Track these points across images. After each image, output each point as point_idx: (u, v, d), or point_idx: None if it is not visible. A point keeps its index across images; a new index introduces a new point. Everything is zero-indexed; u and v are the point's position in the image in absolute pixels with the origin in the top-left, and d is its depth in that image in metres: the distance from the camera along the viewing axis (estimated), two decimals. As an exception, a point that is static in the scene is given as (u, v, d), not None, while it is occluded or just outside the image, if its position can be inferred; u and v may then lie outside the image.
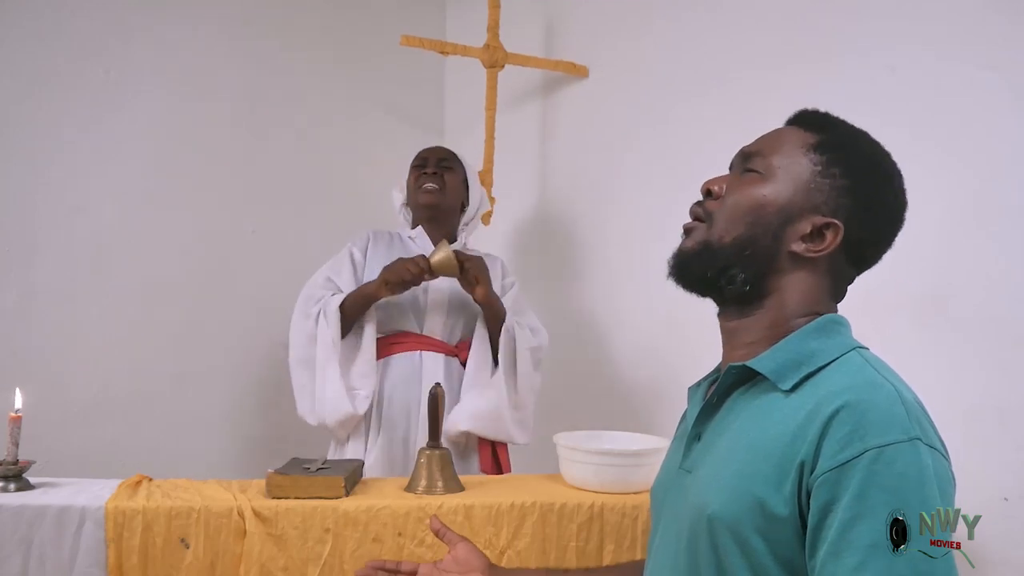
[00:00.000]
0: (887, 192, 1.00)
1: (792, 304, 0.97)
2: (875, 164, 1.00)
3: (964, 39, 1.51)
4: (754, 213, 0.97)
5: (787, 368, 0.92)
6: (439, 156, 2.14)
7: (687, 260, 1.00)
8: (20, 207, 2.20)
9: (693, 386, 1.10)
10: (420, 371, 1.99)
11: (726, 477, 0.90)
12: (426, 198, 2.07)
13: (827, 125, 1.02)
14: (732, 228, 0.97)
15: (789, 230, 0.96)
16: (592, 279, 2.42)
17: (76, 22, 2.27)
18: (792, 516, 0.84)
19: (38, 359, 2.19)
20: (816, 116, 1.04)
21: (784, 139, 1.01)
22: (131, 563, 1.34)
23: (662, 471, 1.10)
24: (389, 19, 2.82)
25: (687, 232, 1.02)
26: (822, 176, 0.97)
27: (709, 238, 0.99)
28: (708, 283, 1.00)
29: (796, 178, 0.97)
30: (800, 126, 1.02)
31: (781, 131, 1.03)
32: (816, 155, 0.98)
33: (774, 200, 0.97)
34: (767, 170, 0.98)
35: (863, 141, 1.02)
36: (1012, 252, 1.44)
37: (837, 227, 0.96)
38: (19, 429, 1.42)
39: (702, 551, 0.90)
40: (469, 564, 1.18)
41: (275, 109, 2.62)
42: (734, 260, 0.97)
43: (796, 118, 1.05)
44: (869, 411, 0.83)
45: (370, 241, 2.11)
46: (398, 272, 1.88)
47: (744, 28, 1.96)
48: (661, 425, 1.87)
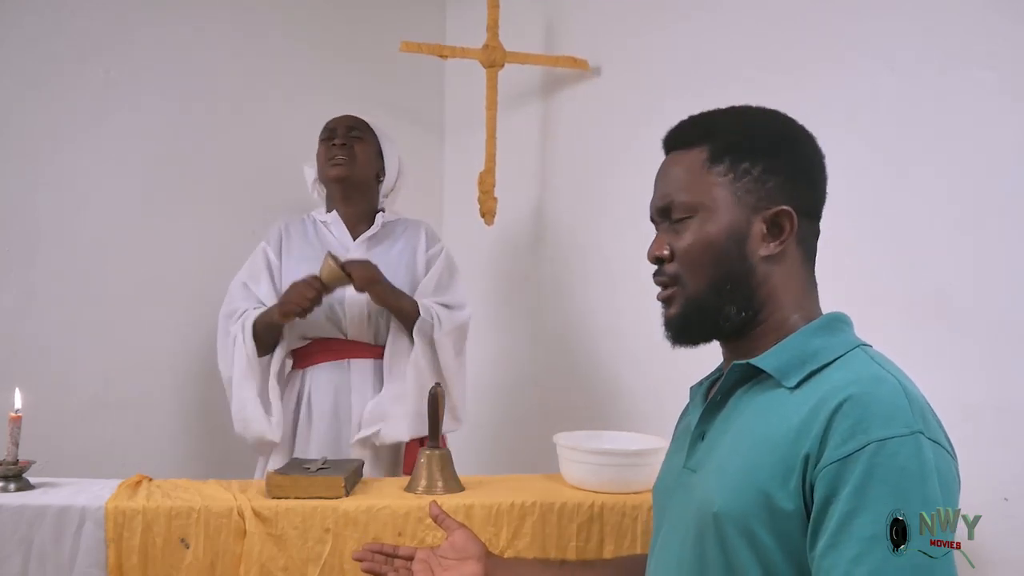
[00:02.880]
0: (796, 144, 1.00)
1: (784, 300, 0.98)
2: (769, 131, 1.00)
3: (964, 39, 1.51)
4: (711, 252, 0.97)
5: (791, 365, 0.92)
6: (347, 125, 2.06)
7: (682, 324, 1.01)
8: (20, 207, 2.20)
9: (695, 385, 1.10)
10: (349, 380, 1.97)
11: (731, 473, 0.90)
12: (335, 171, 2.02)
13: (705, 131, 1.01)
14: (703, 275, 0.97)
15: (749, 244, 0.96)
16: (592, 279, 2.41)
17: (76, 22, 2.26)
18: (798, 510, 0.84)
19: (38, 359, 2.19)
20: (689, 129, 1.03)
21: (683, 171, 1.00)
22: (131, 563, 1.34)
23: (664, 471, 1.10)
24: (389, 19, 2.82)
25: (667, 302, 1.02)
26: (738, 179, 0.97)
27: (688, 296, 0.99)
28: (709, 332, 1.00)
29: (721, 198, 0.97)
30: (682, 148, 1.02)
31: (672, 166, 1.02)
32: (719, 165, 0.98)
33: (720, 231, 0.97)
34: (691, 210, 0.98)
35: (744, 120, 1.02)
36: (1012, 252, 1.44)
37: (786, 211, 0.96)
38: (19, 429, 1.42)
39: (709, 549, 0.90)
40: (466, 551, 1.18)
41: (275, 109, 2.61)
42: (722, 301, 0.97)
43: (672, 141, 1.04)
44: (872, 404, 0.83)
45: (283, 236, 2.05)
46: (296, 302, 1.85)
47: (744, 27, 1.96)
48: (661, 425, 1.87)
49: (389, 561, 1.19)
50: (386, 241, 2.08)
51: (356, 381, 1.97)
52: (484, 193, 2.38)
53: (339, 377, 1.97)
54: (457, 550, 1.18)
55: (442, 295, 2.02)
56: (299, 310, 1.85)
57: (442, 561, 1.18)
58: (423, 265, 2.05)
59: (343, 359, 1.98)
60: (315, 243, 2.03)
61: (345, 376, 1.97)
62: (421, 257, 2.05)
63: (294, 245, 2.04)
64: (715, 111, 1.04)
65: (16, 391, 1.46)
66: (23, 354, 2.17)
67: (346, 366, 1.98)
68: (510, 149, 2.51)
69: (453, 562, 1.17)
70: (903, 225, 1.59)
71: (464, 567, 1.16)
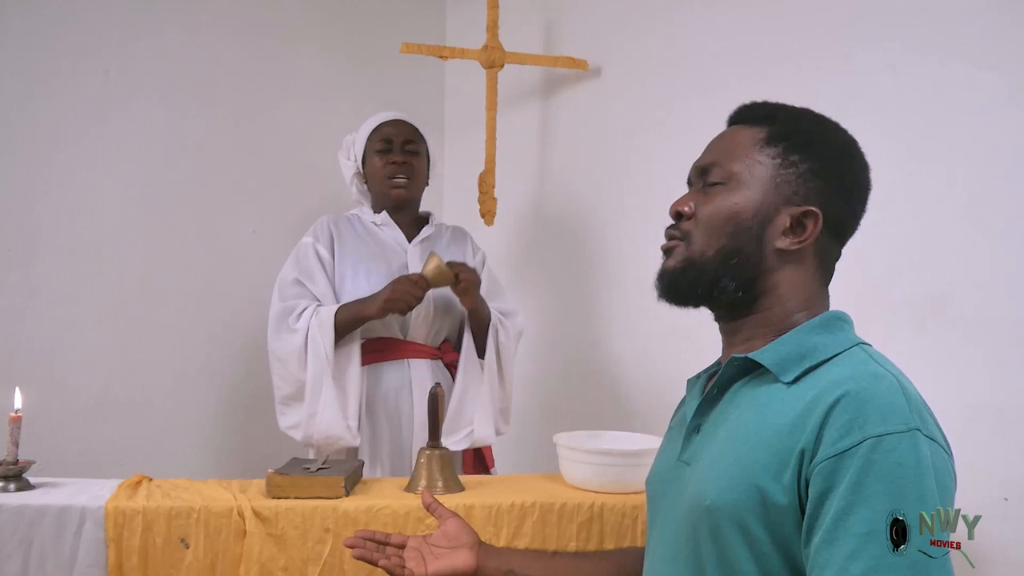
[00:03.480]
0: (850, 161, 1.00)
1: (789, 298, 0.97)
2: (829, 138, 1.00)
3: (964, 39, 1.51)
4: (732, 224, 0.97)
5: (790, 361, 0.92)
6: (404, 139, 2.02)
7: (675, 278, 1.00)
8: (20, 207, 2.20)
9: (692, 378, 1.10)
10: (410, 380, 1.96)
11: (725, 466, 0.90)
12: (398, 193, 2.01)
13: (770, 115, 1.01)
14: (714, 241, 0.97)
15: (770, 230, 0.96)
16: (592, 279, 2.41)
17: (76, 22, 2.26)
18: (792, 505, 0.84)
19: (38, 359, 2.19)
20: (757, 108, 1.03)
21: (735, 142, 1.00)
22: (131, 563, 1.34)
23: (658, 463, 1.10)
24: (389, 19, 2.82)
25: (667, 252, 1.02)
26: (784, 167, 0.97)
27: (691, 255, 0.99)
28: (700, 297, 1.00)
29: (760, 178, 0.97)
30: (744, 123, 1.02)
31: (728, 135, 1.03)
32: (772, 148, 0.98)
33: (746, 206, 0.97)
34: (729, 178, 0.98)
35: (810, 119, 1.02)
36: (1012, 252, 1.44)
37: (815, 213, 0.96)
38: (19, 429, 1.42)
39: (703, 542, 0.90)
40: (459, 539, 1.18)
41: (275, 109, 2.61)
42: (722, 271, 0.97)
43: (737, 115, 1.04)
44: (870, 400, 0.83)
45: (333, 233, 2.01)
46: (404, 300, 1.83)
47: (745, 27, 1.96)
48: (661, 425, 1.87)
49: (381, 548, 1.18)
50: (437, 244, 2.07)
51: (416, 381, 1.96)
52: (484, 193, 2.38)
53: (400, 377, 1.96)
54: (449, 539, 1.18)
55: (495, 302, 2.02)
56: (404, 307, 1.84)
57: (434, 549, 1.17)
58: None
59: (403, 359, 1.97)
60: (369, 243, 2.02)
61: (406, 376, 1.96)
62: (470, 263, 2.04)
63: (347, 243, 2.01)
64: (788, 104, 1.04)
65: (16, 391, 1.46)
66: (23, 354, 2.17)
67: (406, 366, 1.97)
68: (510, 149, 2.51)
69: (445, 550, 1.17)
70: (904, 226, 1.59)
71: (456, 555, 1.16)
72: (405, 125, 2.06)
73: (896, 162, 1.61)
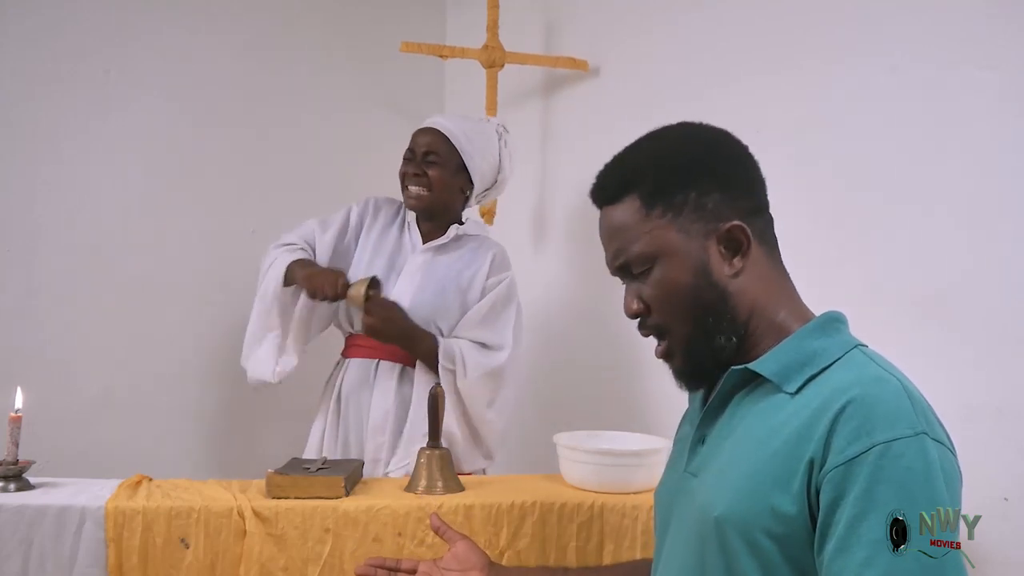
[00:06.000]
0: (714, 156, 0.99)
1: (767, 304, 0.97)
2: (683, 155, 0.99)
3: (964, 39, 1.51)
4: (683, 293, 0.96)
5: (791, 370, 0.92)
6: (424, 150, 1.98)
7: (693, 371, 1.00)
8: (20, 207, 2.20)
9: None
10: (373, 379, 1.96)
11: (732, 478, 0.90)
12: (409, 203, 2.01)
13: (628, 182, 1.00)
14: (683, 316, 0.97)
15: (713, 270, 0.96)
16: (592, 280, 2.41)
17: (76, 22, 2.26)
18: (801, 514, 0.84)
19: (39, 359, 2.19)
20: (609, 183, 1.02)
21: (624, 225, 0.99)
22: (131, 563, 1.34)
23: (666, 476, 1.10)
24: (389, 19, 2.82)
25: (667, 356, 1.01)
26: (677, 215, 0.96)
27: (683, 342, 0.98)
28: (716, 366, 0.99)
29: (670, 240, 0.96)
30: (612, 202, 1.01)
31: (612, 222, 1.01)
32: (656, 210, 0.97)
33: (682, 271, 0.96)
34: (649, 260, 0.97)
35: (657, 155, 1.01)
36: (1011, 252, 1.44)
37: (736, 225, 0.95)
38: (19, 429, 1.42)
39: (710, 554, 0.90)
40: (469, 562, 1.19)
41: (275, 109, 2.61)
42: (711, 334, 0.96)
43: (601, 197, 1.03)
44: (876, 405, 0.83)
45: (370, 213, 2.06)
46: (319, 288, 1.85)
47: (744, 28, 1.96)
48: (661, 425, 1.87)
49: (392, 575, 1.20)
50: (452, 254, 2.02)
51: (379, 383, 1.95)
52: (484, 193, 2.38)
53: (364, 375, 1.97)
54: (460, 561, 1.19)
55: (483, 330, 1.95)
56: (314, 294, 1.87)
57: (445, 573, 1.18)
58: (479, 291, 1.98)
59: (373, 358, 1.97)
60: (388, 238, 2.04)
61: (370, 375, 1.97)
62: (479, 283, 1.98)
63: (376, 229, 2.04)
64: (625, 153, 1.03)
65: (16, 391, 1.46)
66: (23, 354, 2.17)
67: (374, 366, 1.97)
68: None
69: (456, 573, 1.18)
70: (904, 226, 1.59)
71: None
72: (434, 135, 2.01)
73: (895, 162, 1.61)
